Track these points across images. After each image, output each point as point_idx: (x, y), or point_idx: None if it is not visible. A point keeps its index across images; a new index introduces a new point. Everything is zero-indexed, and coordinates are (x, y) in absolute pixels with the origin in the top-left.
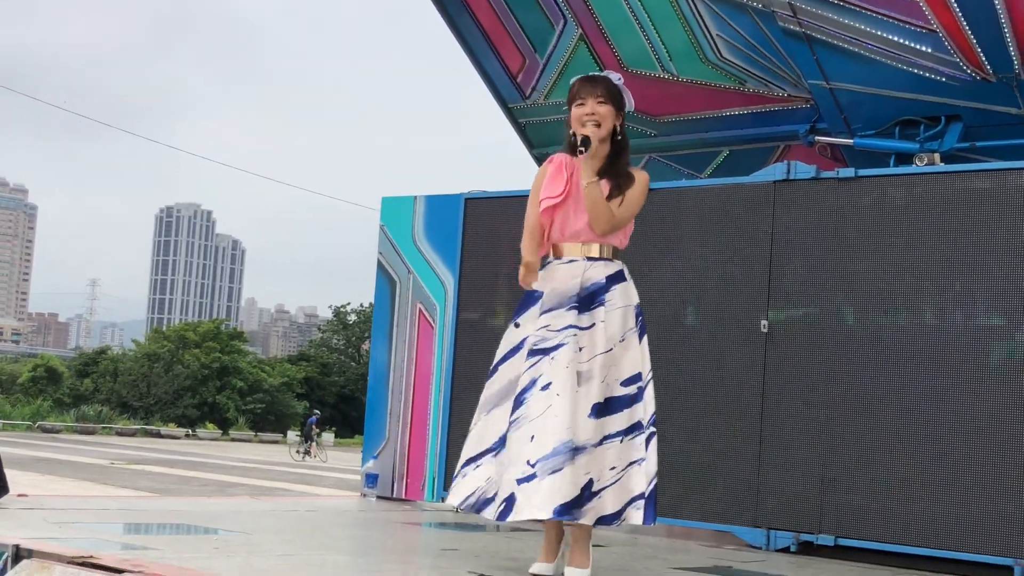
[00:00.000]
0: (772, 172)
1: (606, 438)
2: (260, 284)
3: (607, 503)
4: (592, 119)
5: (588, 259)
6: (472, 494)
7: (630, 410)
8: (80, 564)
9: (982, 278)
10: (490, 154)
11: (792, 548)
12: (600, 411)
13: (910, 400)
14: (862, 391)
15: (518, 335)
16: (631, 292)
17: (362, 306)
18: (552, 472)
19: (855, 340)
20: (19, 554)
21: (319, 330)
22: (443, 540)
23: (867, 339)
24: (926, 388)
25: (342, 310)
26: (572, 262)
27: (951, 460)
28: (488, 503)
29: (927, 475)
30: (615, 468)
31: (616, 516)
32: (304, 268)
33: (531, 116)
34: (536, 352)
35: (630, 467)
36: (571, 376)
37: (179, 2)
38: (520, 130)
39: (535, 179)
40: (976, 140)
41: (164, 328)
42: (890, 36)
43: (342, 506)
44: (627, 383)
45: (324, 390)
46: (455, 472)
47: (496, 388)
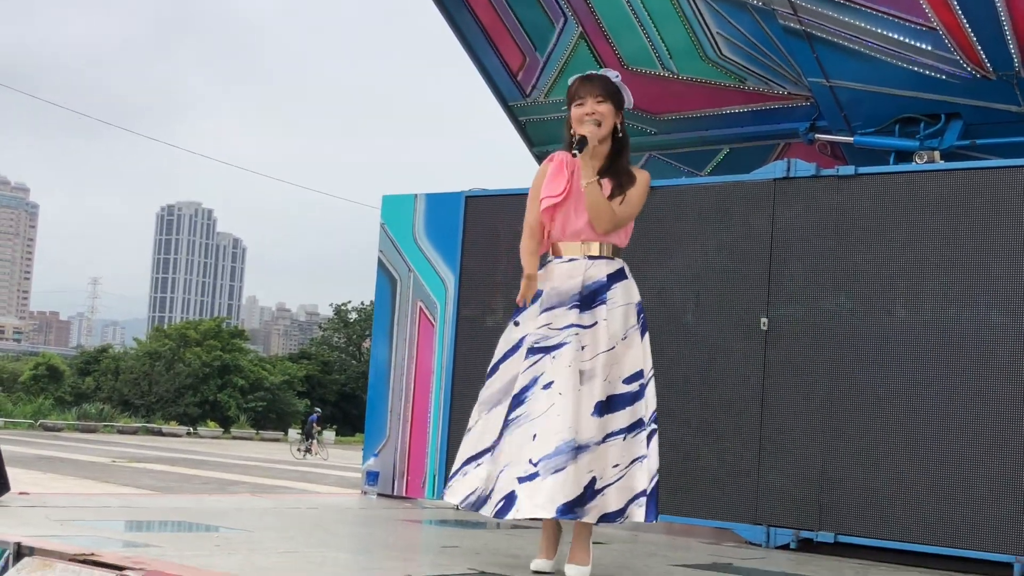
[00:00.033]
0: (772, 170)
1: (609, 436)
2: (261, 282)
3: (610, 501)
4: (592, 118)
5: (589, 258)
6: (472, 492)
7: (632, 407)
8: (81, 562)
9: (983, 276)
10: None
11: (792, 545)
12: (603, 409)
13: (910, 397)
14: (861, 388)
15: (517, 334)
16: (632, 290)
17: (363, 304)
18: (555, 471)
19: (854, 338)
20: (21, 552)
21: (320, 328)
22: (443, 537)
23: (867, 337)
24: (926, 385)
25: (343, 308)
26: (572, 261)
27: (951, 457)
28: (485, 500)
29: (927, 472)
30: (618, 466)
31: (619, 514)
32: (305, 266)
33: (531, 114)
34: (537, 351)
35: (632, 464)
36: (573, 375)
37: (179, 2)
38: (520, 128)
39: (535, 177)
40: (976, 138)
41: (165, 326)
42: (890, 34)
43: (343, 504)
44: (629, 380)
45: (325, 388)
46: (454, 470)
47: (497, 387)
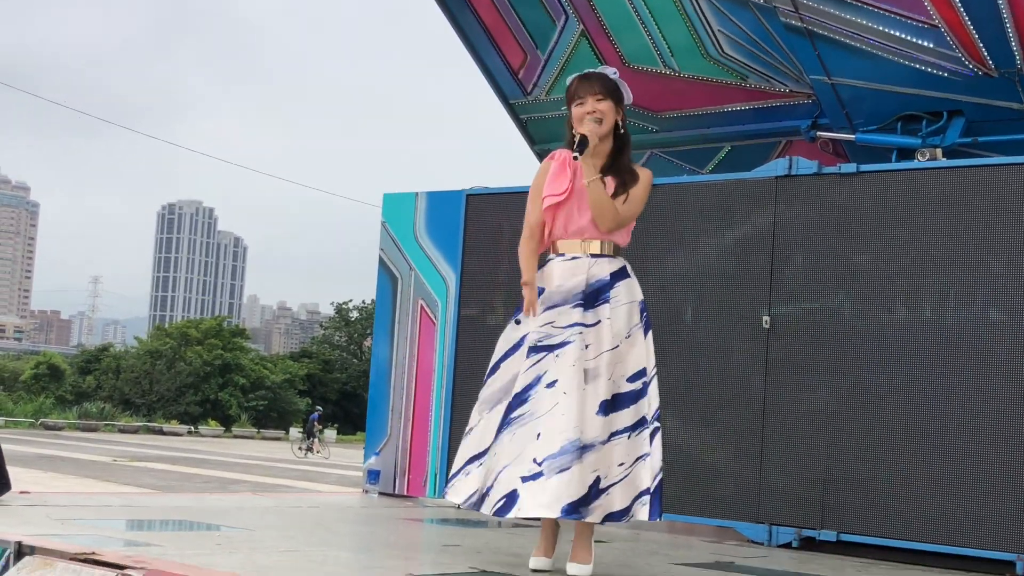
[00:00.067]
0: (774, 168)
1: (614, 434)
2: (262, 281)
3: (615, 500)
4: (593, 116)
5: (591, 256)
6: (475, 492)
7: (636, 406)
8: (82, 561)
9: (985, 273)
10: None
11: (794, 544)
12: (608, 408)
13: (912, 395)
14: (864, 386)
15: (518, 332)
16: (635, 288)
17: (364, 303)
18: (560, 471)
19: (856, 335)
20: (21, 551)
21: (321, 327)
22: (445, 536)
23: (868, 334)
24: (928, 383)
25: (344, 307)
26: (575, 259)
27: (953, 456)
28: (484, 498)
29: (929, 471)
30: (623, 464)
31: (624, 512)
32: (306, 265)
33: (532, 112)
34: (540, 349)
35: (637, 463)
36: (578, 374)
37: (179, 2)
38: (521, 126)
39: (536, 176)
40: (978, 135)
41: (166, 325)
42: (892, 31)
43: (344, 502)
44: (633, 379)
45: (326, 387)
46: (456, 470)
47: (498, 386)
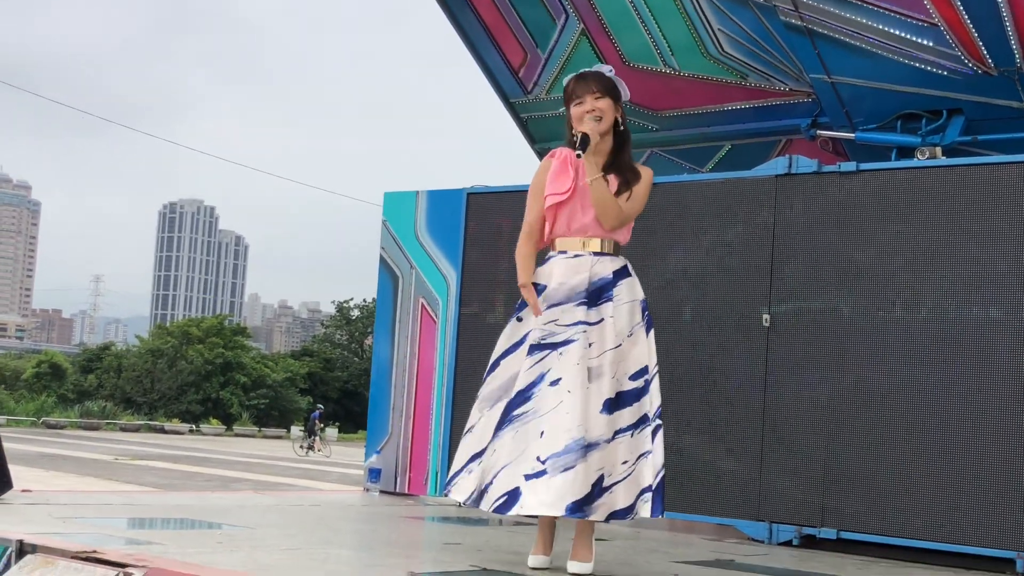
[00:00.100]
0: (774, 166)
1: (617, 433)
2: (263, 280)
3: (619, 498)
4: (592, 115)
5: (594, 254)
6: (474, 489)
7: (638, 403)
8: (84, 559)
9: (985, 272)
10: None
11: (794, 542)
12: (612, 406)
13: (912, 393)
14: (864, 384)
15: (520, 329)
16: (637, 287)
17: (365, 301)
18: (564, 469)
19: (856, 333)
20: (23, 549)
21: (322, 325)
22: (446, 534)
23: (868, 332)
24: (928, 381)
25: (345, 305)
26: (578, 257)
27: (954, 454)
28: (482, 495)
29: (930, 469)
30: (626, 462)
31: (629, 511)
32: (307, 264)
33: (533, 111)
34: (543, 347)
35: (639, 460)
36: (581, 372)
37: (179, 2)
38: (522, 125)
39: (537, 174)
40: (978, 134)
41: (168, 324)
42: (892, 30)
43: (345, 501)
44: (635, 377)
45: (327, 385)
46: (458, 468)
47: (497, 383)
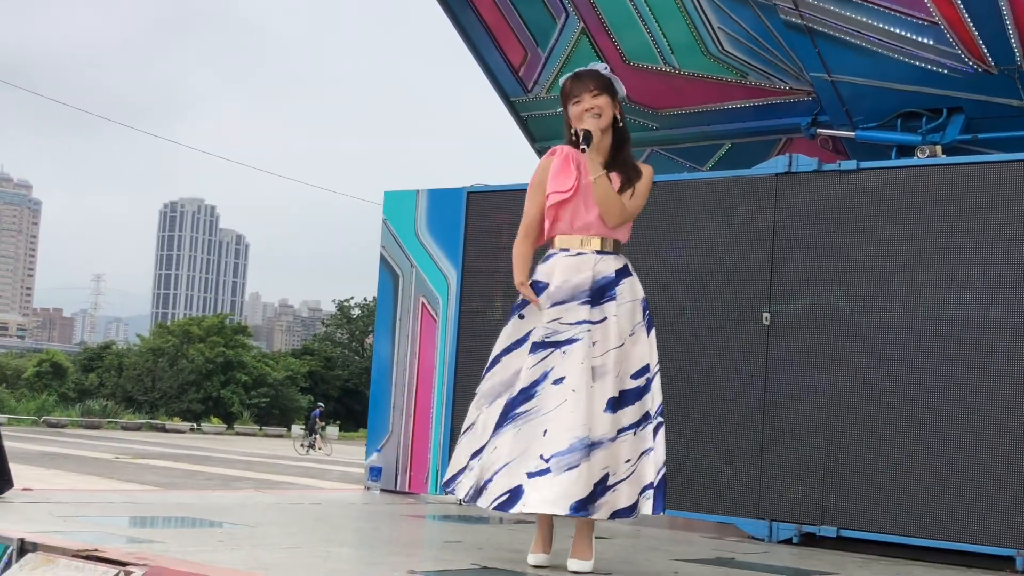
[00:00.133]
0: (774, 165)
1: (620, 431)
2: (264, 279)
3: (622, 496)
4: (591, 112)
5: (597, 252)
6: (472, 486)
7: (640, 402)
8: (85, 558)
9: (984, 270)
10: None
11: (794, 540)
12: (615, 405)
13: (912, 391)
14: (864, 382)
15: (523, 327)
16: (637, 286)
17: (365, 300)
18: (568, 468)
19: (856, 331)
20: (24, 547)
21: (323, 324)
22: (446, 533)
23: (868, 330)
24: (928, 379)
25: (345, 304)
26: (580, 255)
27: (954, 451)
28: (481, 491)
29: (930, 466)
30: (629, 461)
31: (632, 509)
32: (307, 263)
33: (533, 110)
34: (546, 345)
35: (641, 457)
36: (586, 371)
37: (179, 2)
38: (522, 124)
39: (536, 172)
40: (978, 132)
41: (168, 323)
42: (892, 28)
43: (346, 499)
44: (637, 375)
45: (328, 384)
46: (460, 467)
47: (497, 380)
